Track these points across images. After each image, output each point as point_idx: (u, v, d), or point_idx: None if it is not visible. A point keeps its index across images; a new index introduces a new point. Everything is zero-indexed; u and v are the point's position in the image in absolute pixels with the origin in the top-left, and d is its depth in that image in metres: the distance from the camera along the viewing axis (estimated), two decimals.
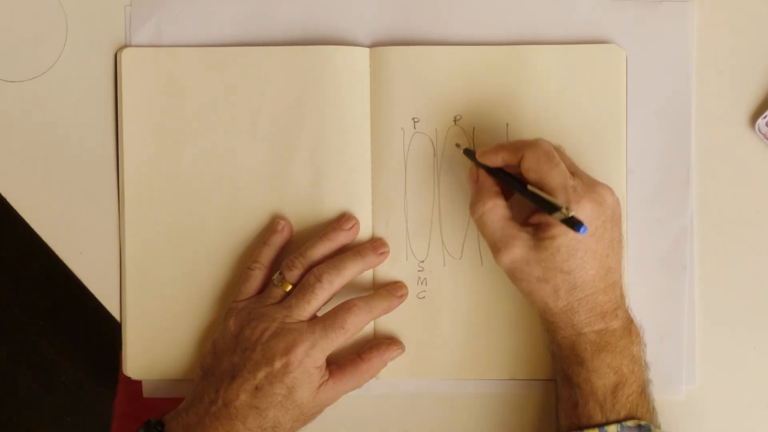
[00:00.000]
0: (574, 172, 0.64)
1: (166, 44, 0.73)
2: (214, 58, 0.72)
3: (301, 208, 0.72)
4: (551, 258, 0.62)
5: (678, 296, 0.72)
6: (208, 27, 0.73)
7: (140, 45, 0.73)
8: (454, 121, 0.72)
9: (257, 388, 0.65)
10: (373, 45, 0.72)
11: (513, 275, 0.65)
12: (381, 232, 0.72)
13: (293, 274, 0.69)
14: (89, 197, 0.74)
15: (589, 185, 0.63)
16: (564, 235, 0.62)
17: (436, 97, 0.72)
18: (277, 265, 0.71)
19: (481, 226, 0.65)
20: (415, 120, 0.72)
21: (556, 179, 0.62)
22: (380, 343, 0.71)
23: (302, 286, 0.68)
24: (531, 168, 0.63)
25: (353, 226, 0.71)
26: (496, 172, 0.66)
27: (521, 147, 0.64)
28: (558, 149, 0.66)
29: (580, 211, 0.61)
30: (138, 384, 0.74)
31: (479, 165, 0.67)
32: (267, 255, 0.71)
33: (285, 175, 0.72)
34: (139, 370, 0.73)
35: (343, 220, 0.71)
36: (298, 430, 0.68)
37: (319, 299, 0.68)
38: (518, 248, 0.63)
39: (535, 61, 0.71)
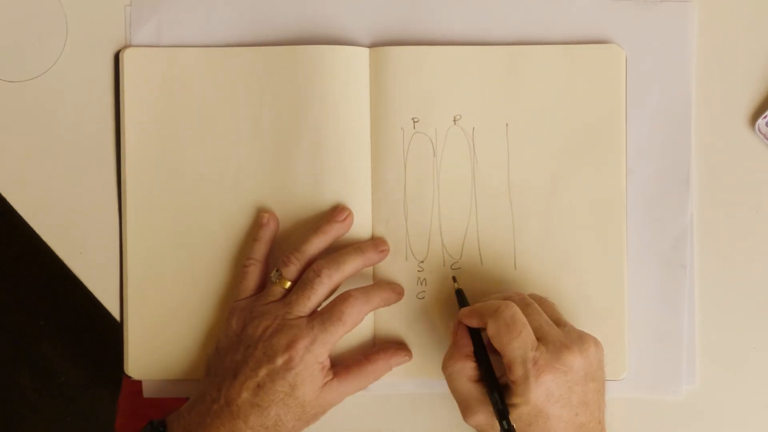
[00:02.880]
0: (558, 321, 0.64)
1: (166, 44, 0.73)
2: (215, 58, 0.72)
3: (302, 207, 0.72)
4: (513, 423, 0.62)
5: (678, 296, 0.72)
6: (208, 27, 0.73)
7: (140, 45, 0.73)
8: (454, 121, 0.72)
9: (259, 386, 0.65)
10: (373, 45, 0.72)
11: None
12: (381, 232, 0.72)
13: (290, 270, 0.69)
14: (89, 197, 0.74)
15: (559, 349, 0.62)
16: (524, 404, 0.61)
17: (436, 97, 0.72)
18: (274, 261, 0.71)
19: (449, 383, 0.66)
20: (415, 120, 0.72)
21: (515, 352, 0.61)
22: (388, 346, 0.71)
23: (302, 282, 0.68)
24: (493, 337, 0.63)
25: (347, 217, 0.71)
26: (473, 332, 0.66)
27: (487, 313, 0.63)
28: (543, 302, 0.66)
29: (540, 386, 0.61)
30: (140, 383, 0.74)
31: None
32: (259, 250, 0.71)
33: (285, 175, 0.72)
34: (140, 370, 0.73)
35: (336, 212, 0.71)
36: (301, 430, 0.68)
37: (318, 294, 0.68)
38: (481, 414, 0.64)
39: (535, 61, 0.71)
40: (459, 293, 0.70)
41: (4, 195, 0.74)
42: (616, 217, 0.71)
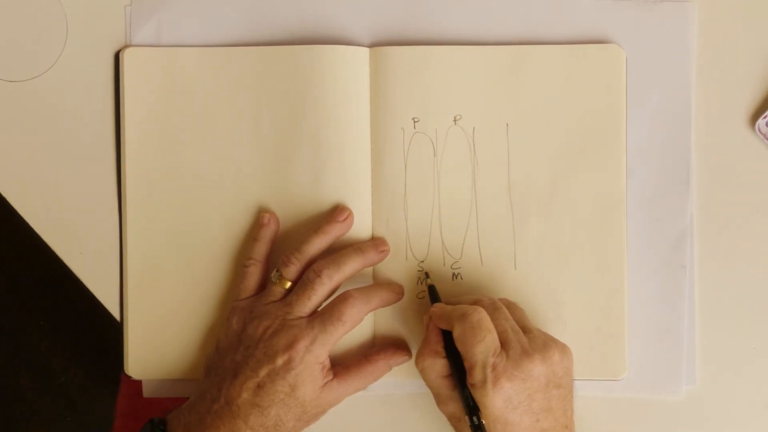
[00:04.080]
0: (525, 328, 0.65)
1: (166, 44, 0.73)
2: (215, 58, 0.72)
3: (302, 207, 0.72)
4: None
5: (678, 296, 0.72)
6: (208, 27, 0.73)
7: (140, 45, 0.73)
8: (454, 121, 0.72)
9: (259, 386, 0.65)
10: (373, 45, 0.72)
11: (452, 423, 0.67)
12: (381, 232, 0.72)
13: (290, 271, 0.69)
14: (89, 197, 0.74)
15: (519, 356, 0.62)
16: (482, 409, 0.62)
17: (436, 97, 0.72)
18: (274, 261, 0.71)
19: (422, 376, 0.67)
20: (415, 120, 0.72)
21: (476, 357, 0.62)
22: (388, 347, 0.71)
23: (302, 282, 0.68)
24: (458, 340, 0.64)
25: (347, 217, 0.71)
26: (445, 331, 0.66)
27: (454, 316, 0.64)
28: (512, 307, 0.67)
29: (497, 393, 0.61)
30: (140, 383, 0.74)
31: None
32: (259, 250, 0.71)
33: (285, 175, 0.72)
34: (140, 369, 0.73)
35: (336, 212, 0.71)
36: (301, 430, 0.68)
37: (318, 295, 0.68)
38: (451, 405, 0.65)
39: (535, 61, 0.71)
40: (431, 289, 0.70)
41: (4, 195, 0.74)
42: (616, 217, 0.71)
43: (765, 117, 0.71)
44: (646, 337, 0.72)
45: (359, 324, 0.69)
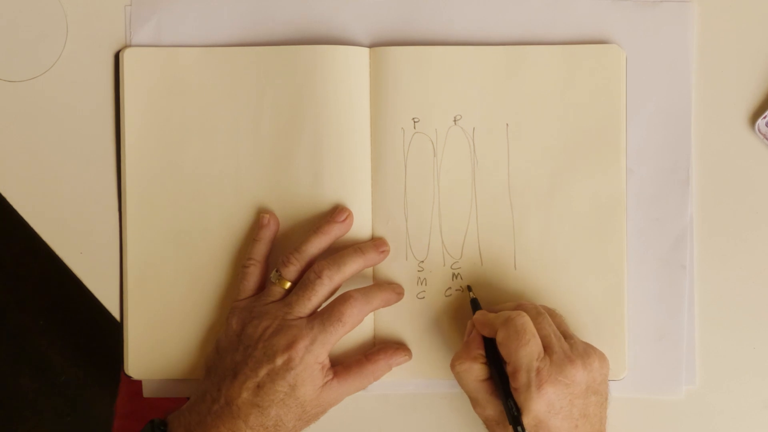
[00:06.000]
0: (565, 334, 0.65)
1: (166, 44, 0.73)
2: (215, 57, 0.72)
3: (302, 207, 0.72)
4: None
5: (678, 296, 0.72)
6: (208, 27, 0.73)
7: (140, 45, 0.73)
8: (454, 121, 0.72)
9: (259, 386, 0.65)
10: (373, 45, 0.72)
11: (488, 426, 0.67)
12: (381, 232, 0.72)
13: (289, 271, 0.69)
14: (89, 197, 0.74)
15: (563, 361, 0.63)
16: (526, 413, 0.62)
17: (436, 97, 0.72)
18: (274, 261, 0.71)
19: (457, 380, 0.67)
20: (415, 120, 0.72)
21: (521, 360, 0.62)
22: (388, 346, 0.71)
23: (302, 282, 0.68)
24: (501, 344, 0.64)
25: (347, 217, 0.71)
26: (487, 339, 0.66)
27: (498, 321, 0.65)
28: (553, 314, 0.67)
29: (541, 397, 0.62)
30: (140, 383, 0.74)
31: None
32: (259, 250, 0.71)
33: (285, 175, 0.72)
34: (140, 369, 0.73)
35: (336, 212, 0.71)
36: (301, 430, 0.68)
37: (319, 295, 0.68)
38: (489, 409, 0.66)
39: (535, 61, 0.71)
40: (474, 303, 0.70)
41: (4, 195, 0.74)
42: (616, 217, 0.71)
43: (765, 117, 0.71)
44: (646, 337, 0.72)
45: (359, 324, 0.69)
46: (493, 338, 0.65)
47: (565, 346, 0.64)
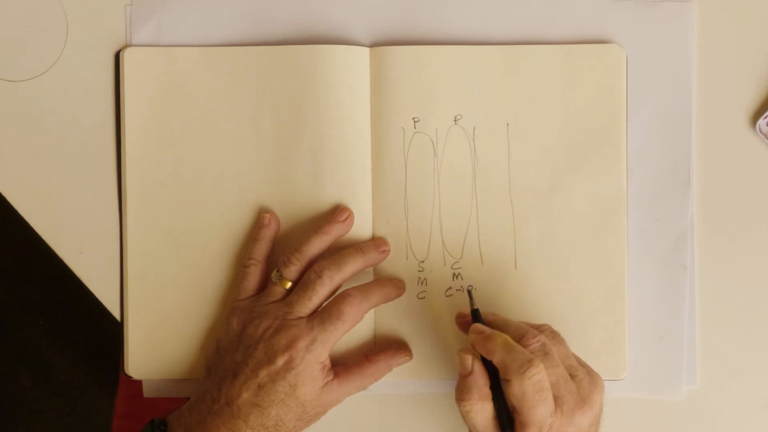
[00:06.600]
0: (570, 368, 0.63)
1: (166, 44, 0.73)
2: (215, 57, 0.72)
3: (302, 207, 0.72)
4: None
5: (678, 296, 0.72)
6: (208, 27, 0.73)
7: (140, 44, 0.73)
8: (455, 120, 0.72)
9: (260, 386, 0.65)
10: (373, 44, 0.72)
11: None
12: (381, 232, 0.72)
13: (290, 271, 0.69)
14: (89, 197, 0.74)
15: (573, 410, 0.61)
16: None
17: (436, 97, 0.72)
18: (274, 261, 0.71)
19: (465, 418, 0.63)
20: (416, 120, 0.72)
21: (535, 417, 0.60)
22: (388, 347, 0.71)
23: (303, 282, 0.68)
24: (516, 396, 0.60)
25: (347, 217, 0.71)
26: (490, 368, 0.63)
27: (512, 367, 0.61)
28: (556, 341, 0.64)
29: None
30: (139, 384, 0.74)
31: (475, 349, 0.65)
32: (260, 250, 0.71)
33: (285, 175, 0.72)
34: (140, 369, 0.73)
35: (336, 212, 0.71)
36: (301, 431, 0.68)
37: (319, 295, 0.68)
38: None
39: (535, 61, 0.71)
40: (475, 314, 0.67)
41: (4, 195, 0.74)
42: (617, 217, 0.71)
43: (765, 117, 0.71)
44: (647, 337, 0.72)
45: (359, 324, 0.69)
46: (497, 370, 0.63)
47: (574, 391, 0.62)
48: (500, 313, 0.69)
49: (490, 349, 0.62)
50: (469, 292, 0.69)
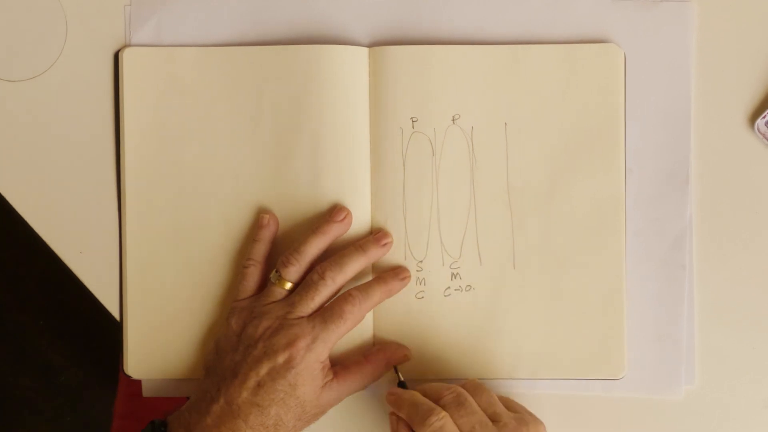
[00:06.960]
0: (494, 416, 0.63)
1: (166, 44, 0.73)
2: (214, 57, 0.72)
3: (301, 207, 0.72)
4: None
5: (678, 296, 0.72)
6: (208, 27, 0.73)
7: (140, 44, 0.73)
8: (453, 120, 0.72)
9: (259, 385, 0.65)
10: (372, 44, 0.72)
11: None
12: None
13: (289, 271, 0.69)
14: (89, 197, 0.74)
15: None
16: None
17: (435, 97, 0.72)
18: (273, 261, 0.71)
19: None
20: (414, 119, 0.72)
21: None
22: (388, 346, 0.71)
23: (305, 283, 0.68)
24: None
25: (345, 217, 0.71)
26: None
27: (416, 420, 0.62)
28: (479, 392, 0.65)
29: None
30: (138, 384, 0.74)
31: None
32: (259, 251, 0.71)
33: (284, 175, 0.72)
34: (139, 369, 0.73)
35: (334, 212, 0.71)
36: (301, 430, 0.68)
37: (322, 296, 0.68)
38: None
39: (534, 61, 0.71)
40: (402, 386, 0.69)
41: (4, 195, 0.74)
42: (615, 216, 0.71)
43: (764, 117, 0.71)
44: (646, 337, 0.72)
45: (359, 324, 0.69)
46: None
47: (507, 415, 0.63)
48: (499, 313, 0.70)
49: (400, 405, 0.65)
50: (395, 367, 0.70)
